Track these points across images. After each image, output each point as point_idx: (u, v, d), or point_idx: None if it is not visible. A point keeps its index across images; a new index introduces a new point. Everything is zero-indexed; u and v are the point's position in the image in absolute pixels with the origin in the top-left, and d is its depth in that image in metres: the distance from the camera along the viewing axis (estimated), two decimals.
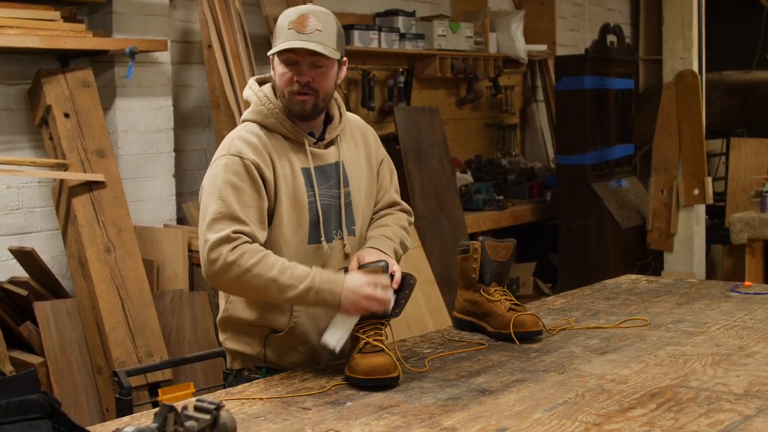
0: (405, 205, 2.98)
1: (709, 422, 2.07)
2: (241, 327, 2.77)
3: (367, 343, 2.53)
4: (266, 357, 2.74)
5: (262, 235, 2.61)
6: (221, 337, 2.85)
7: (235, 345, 2.78)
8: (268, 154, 2.66)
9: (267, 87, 2.78)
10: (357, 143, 2.87)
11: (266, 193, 2.65)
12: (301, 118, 2.72)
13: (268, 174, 2.64)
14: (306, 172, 2.71)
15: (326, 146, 2.78)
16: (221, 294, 2.81)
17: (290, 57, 2.64)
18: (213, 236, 2.54)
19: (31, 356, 4.45)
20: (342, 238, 2.77)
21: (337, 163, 2.78)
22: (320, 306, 2.60)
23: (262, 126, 2.72)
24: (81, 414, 4.40)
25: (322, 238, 2.71)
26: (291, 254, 2.66)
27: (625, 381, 2.40)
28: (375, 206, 2.92)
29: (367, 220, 2.87)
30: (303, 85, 2.65)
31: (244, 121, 2.77)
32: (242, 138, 2.67)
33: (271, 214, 2.67)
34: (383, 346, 2.52)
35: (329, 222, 2.74)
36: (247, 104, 2.80)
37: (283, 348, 2.73)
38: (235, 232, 2.54)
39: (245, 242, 2.55)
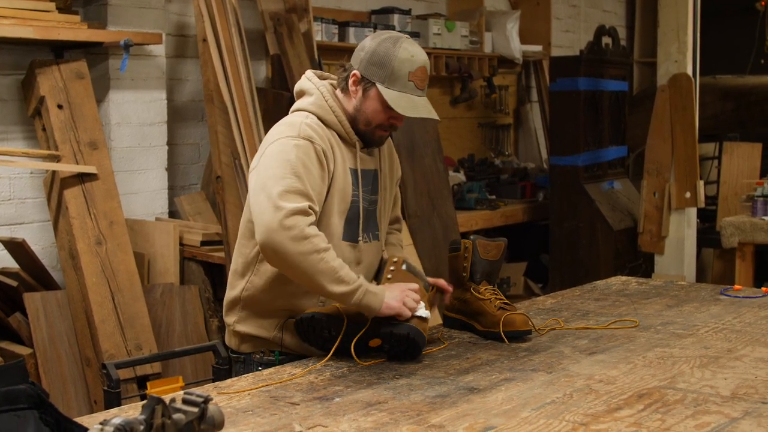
0: (402, 221, 3.19)
1: (696, 424, 2.07)
2: (258, 309, 2.79)
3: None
4: (283, 342, 2.77)
5: None
6: (230, 318, 2.84)
7: (248, 328, 2.81)
8: (330, 146, 2.72)
9: (327, 84, 2.83)
10: (386, 157, 2.97)
11: (326, 182, 2.72)
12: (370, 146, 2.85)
13: (331, 165, 2.71)
14: (354, 172, 2.79)
15: (370, 153, 2.86)
16: (237, 273, 2.81)
17: None
18: (288, 204, 2.54)
19: (20, 347, 4.44)
20: (377, 240, 2.89)
21: (375, 170, 2.87)
22: (362, 307, 2.62)
23: (321, 119, 2.76)
24: (69, 406, 4.40)
25: (360, 238, 2.80)
26: (333, 246, 2.71)
27: (613, 382, 2.41)
28: None
29: (385, 228, 2.99)
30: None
31: (300, 110, 2.80)
32: (309, 125, 2.71)
33: (322, 203, 2.73)
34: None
35: (366, 223, 2.84)
36: (301, 94, 2.84)
37: None
38: (310, 207, 2.58)
39: (315, 223, 2.60)
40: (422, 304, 2.68)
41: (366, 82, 2.73)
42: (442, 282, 2.92)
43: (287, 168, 2.61)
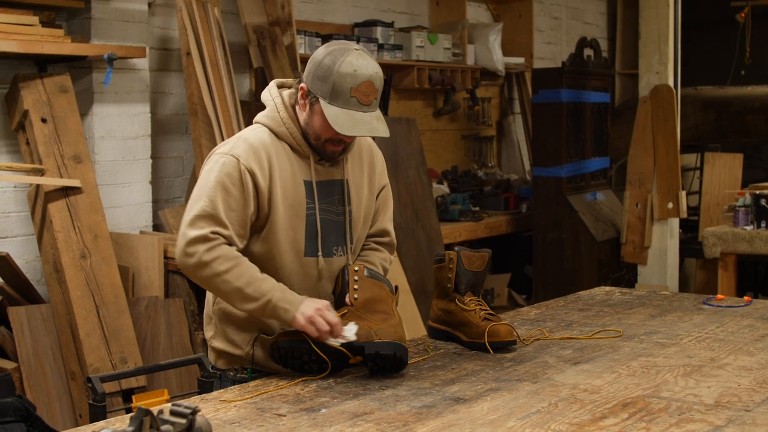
0: (393, 237, 3.03)
1: None
2: (230, 324, 2.77)
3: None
4: (254, 358, 2.75)
5: (240, 241, 2.67)
6: (207, 333, 2.86)
7: (222, 344, 2.80)
8: (268, 162, 2.69)
9: (286, 94, 2.80)
10: (363, 164, 2.91)
11: (258, 201, 2.68)
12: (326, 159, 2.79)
13: (263, 183, 2.67)
14: (308, 184, 2.74)
15: (333, 164, 2.81)
16: None
17: None
18: (192, 233, 2.62)
19: (4, 362, 4.42)
20: (346, 254, 2.82)
21: (341, 181, 2.81)
22: (275, 319, 2.67)
23: (272, 132, 2.75)
24: (54, 420, 4.37)
25: (319, 253, 2.75)
26: (286, 264, 2.71)
27: (597, 391, 2.42)
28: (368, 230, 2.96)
29: (361, 241, 2.91)
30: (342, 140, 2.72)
31: (256, 123, 2.81)
32: (247, 140, 2.70)
33: (265, 222, 2.70)
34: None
35: (329, 236, 2.78)
36: (263, 105, 2.83)
37: None
38: (213, 232, 2.61)
39: (222, 244, 2.62)
40: (350, 324, 2.62)
41: (312, 97, 2.67)
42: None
43: (205, 189, 2.65)
